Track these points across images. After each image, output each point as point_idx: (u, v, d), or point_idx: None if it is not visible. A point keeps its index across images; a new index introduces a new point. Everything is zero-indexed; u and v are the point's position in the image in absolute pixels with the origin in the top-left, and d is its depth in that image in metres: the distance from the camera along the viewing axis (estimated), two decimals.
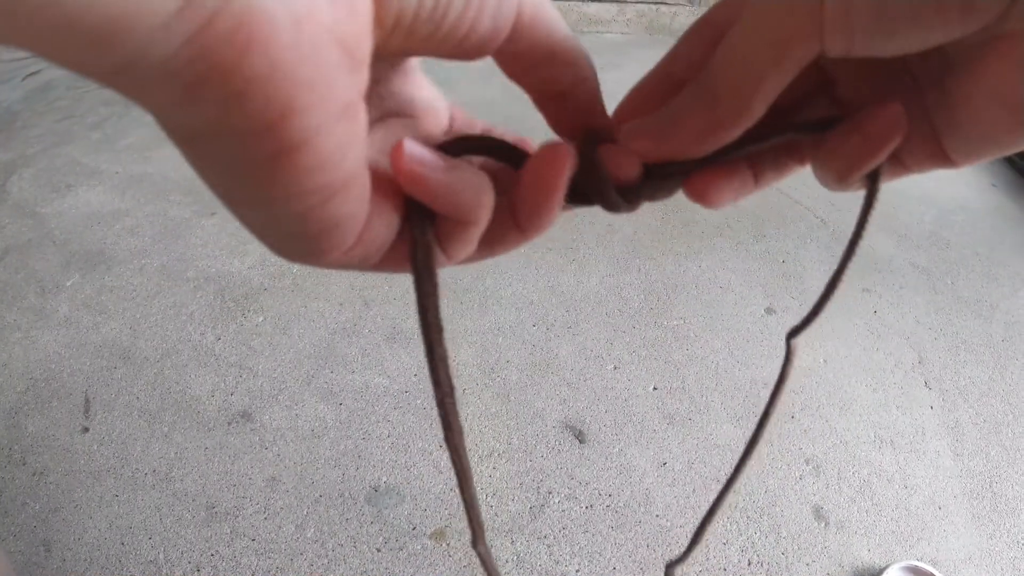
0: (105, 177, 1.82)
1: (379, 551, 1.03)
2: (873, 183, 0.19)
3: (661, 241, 1.67)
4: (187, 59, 0.11)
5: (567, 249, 1.61)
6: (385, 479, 1.13)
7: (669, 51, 0.21)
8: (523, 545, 1.05)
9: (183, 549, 1.03)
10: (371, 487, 1.11)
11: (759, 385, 1.31)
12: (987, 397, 1.33)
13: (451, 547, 1.04)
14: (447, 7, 0.14)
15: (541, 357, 1.35)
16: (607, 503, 1.11)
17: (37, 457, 1.14)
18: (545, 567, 1.03)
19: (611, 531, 1.08)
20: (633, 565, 1.04)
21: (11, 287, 1.46)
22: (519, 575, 1.02)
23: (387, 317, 1.41)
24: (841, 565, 1.05)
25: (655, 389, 1.30)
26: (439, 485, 1.12)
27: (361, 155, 0.14)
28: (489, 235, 0.19)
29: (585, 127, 0.20)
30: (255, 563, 1.01)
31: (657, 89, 0.21)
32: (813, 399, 1.30)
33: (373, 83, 0.18)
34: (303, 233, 0.15)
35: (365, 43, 0.13)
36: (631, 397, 1.28)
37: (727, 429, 1.23)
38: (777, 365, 1.34)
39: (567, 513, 1.09)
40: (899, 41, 0.15)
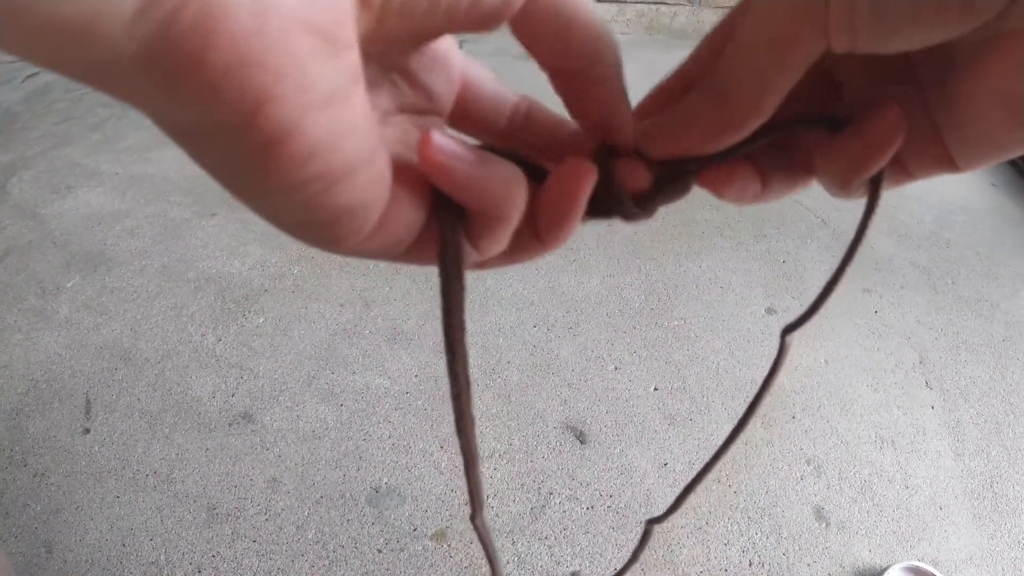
0: (105, 178, 1.81)
1: (380, 552, 1.03)
2: (875, 189, 0.19)
3: (661, 241, 1.67)
4: (154, 57, 0.11)
5: (567, 250, 1.61)
6: (386, 480, 1.13)
7: (690, 52, 0.21)
8: (524, 546, 1.05)
9: (184, 550, 1.03)
10: (372, 488, 1.11)
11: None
12: (988, 397, 1.33)
13: (452, 548, 1.04)
14: None
15: (542, 358, 1.35)
16: (608, 504, 1.11)
17: (38, 458, 1.14)
18: (546, 568, 1.03)
19: (612, 532, 1.08)
20: (634, 566, 1.04)
21: (12, 288, 1.46)
22: None
23: (388, 318, 1.41)
24: (842, 566, 1.05)
25: (656, 389, 1.30)
26: (440, 486, 1.12)
27: (365, 142, 0.14)
28: (510, 243, 0.19)
29: (603, 127, 0.20)
30: (256, 564, 1.01)
31: (676, 90, 0.21)
32: (814, 399, 1.29)
33: (388, 71, 0.18)
34: (312, 221, 0.15)
35: (346, 27, 0.13)
36: (632, 398, 1.28)
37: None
38: None
39: (568, 514, 1.09)
40: (901, 38, 0.15)
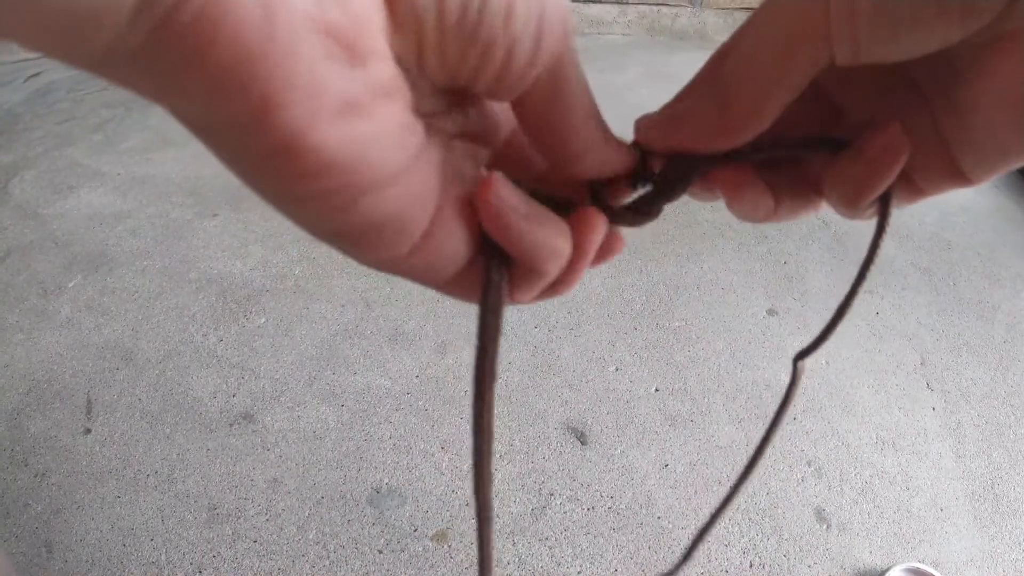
0: (107, 179, 1.82)
1: (381, 553, 1.04)
2: (884, 208, 0.19)
3: (663, 243, 1.67)
4: (157, 50, 0.11)
5: None
6: (387, 481, 1.13)
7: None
8: (525, 547, 1.05)
9: (185, 551, 1.03)
10: (373, 489, 1.12)
11: (761, 387, 1.31)
12: (989, 399, 1.33)
13: (453, 548, 1.04)
14: (481, 10, 0.14)
15: (543, 359, 1.35)
16: (609, 505, 1.11)
17: (39, 458, 1.14)
18: (547, 569, 1.03)
19: (613, 533, 1.08)
20: (635, 567, 1.04)
21: (13, 288, 1.46)
22: None
23: (389, 319, 1.41)
24: (843, 567, 1.05)
25: (657, 391, 1.30)
26: (441, 487, 1.12)
27: (392, 157, 0.14)
28: None
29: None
30: (257, 565, 1.01)
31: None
32: (815, 401, 1.29)
33: (460, 97, 0.18)
34: (340, 232, 0.15)
35: (366, 35, 0.13)
36: (633, 399, 1.28)
37: (729, 431, 1.23)
38: (779, 367, 1.35)
39: (569, 515, 1.09)
40: (903, 44, 0.15)
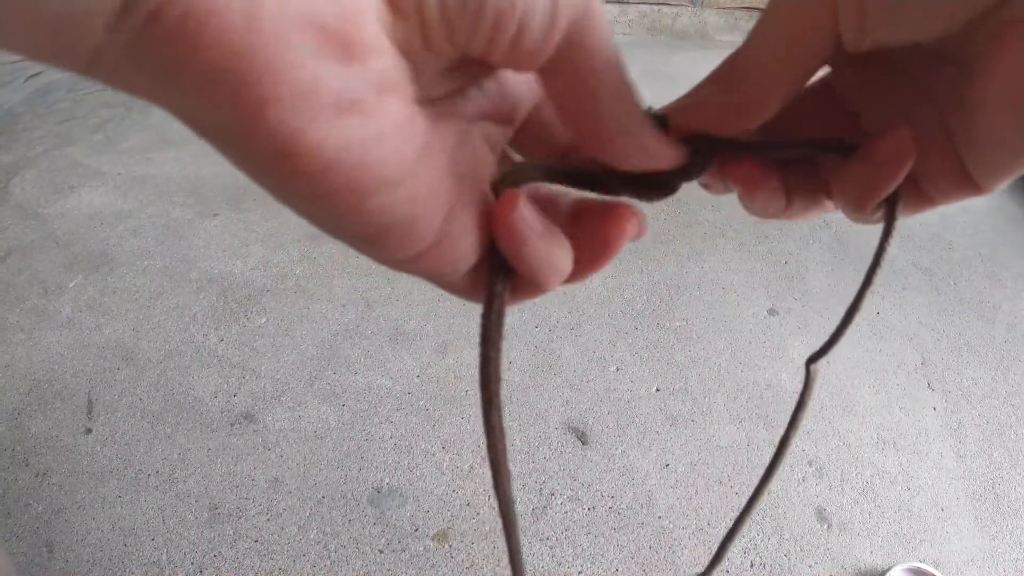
0: (107, 178, 1.82)
1: (382, 552, 1.04)
2: (891, 213, 0.19)
3: (664, 242, 1.67)
4: (143, 53, 0.11)
5: None
6: (388, 480, 1.13)
7: None
8: (525, 547, 1.05)
9: (186, 550, 1.03)
10: (374, 488, 1.12)
11: (762, 387, 1.31)
12: (990, 399, 1.33)
13: (454, 548, 1.04)
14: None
15: (543, 358, 1.35)
16: (609, 505, 1.11)
17: (40, 458, 1.14)
18: (547, 568, 1.03)
19: (613, 533, 1.08)
20: (635, 567, 1.04)
21: (14, 288, 1.46)
22: None
23: (390, 318, 1.42)
24: (844, 567, 1.05)
25: (657, 390, 1.30)
26: (442, 487, 1.12)
27: (399, 156, 0.14)
28: None
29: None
30: (258, 564, 1.01)
31: None
32: (816, 400, 1.29)
33: (478, 76, 0.17)
34: (352, 233, 0.15)
35: (361, 30, 0.12)
36: (633, 398, 1.28)
37: (730, 431, 1.23)
38: (779, 366, 1.35)
39: (569, 515, 1.09)
40: (908, 21, 0.16)
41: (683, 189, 0.21)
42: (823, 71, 0.21)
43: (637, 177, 0.19)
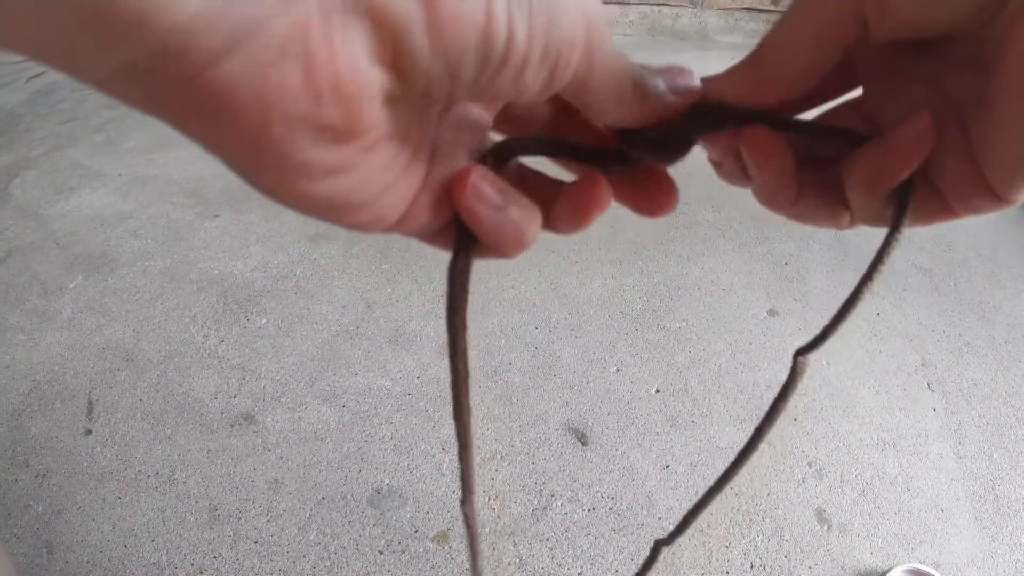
0: (108, 179, 1.82)
1: (381, 554, 1.03)
2: (902, 206, 0.19)
3: (663, 243, 1.67)
4: (152, 107, 0.13)
5: (570, 251, 1.61)
6: (388, 481, 1.13)
7: None
8: (525, 548, 1.05)
9: (186, 551, 1.03)
10: (374, 489, 1.11)
11: (762, 387, 1.31)
12: (990, 399, 1.33)
13: (453, 549, 1.04)
14: (494, 76, 0.14)
15: (543, 359, 1.35)
16: (609, 506, 1.11)
17: (40, 459, 1.14)
18: (547, 570, 1.03)
19: (613, 534, 1.08)
20: (635, 568, 1.03)
21: (14, 289, 1.46)
22: None
23: (390, 319, 1.42)
24: (844, 568, 1.05)
25: (657, 391, 1.30)
26: (442, 488, 1.12)
27: (381, 185, 0.16)
28: None
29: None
30: (258, 565, 1.01)
31: None
32: (816, 401, 1.29)
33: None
34: (331, 219, 0.16)
35: (361, 121, 0.13)
36: (633, 399, 1.28)
37: (730, 432, 1.23)
38: (779, 367, 1.35)
39: (569, 516, 1.09)
40: (929, 8, 0.16)
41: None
42: (851, 94, 0.22)
43: (639, 135, 0.20)
